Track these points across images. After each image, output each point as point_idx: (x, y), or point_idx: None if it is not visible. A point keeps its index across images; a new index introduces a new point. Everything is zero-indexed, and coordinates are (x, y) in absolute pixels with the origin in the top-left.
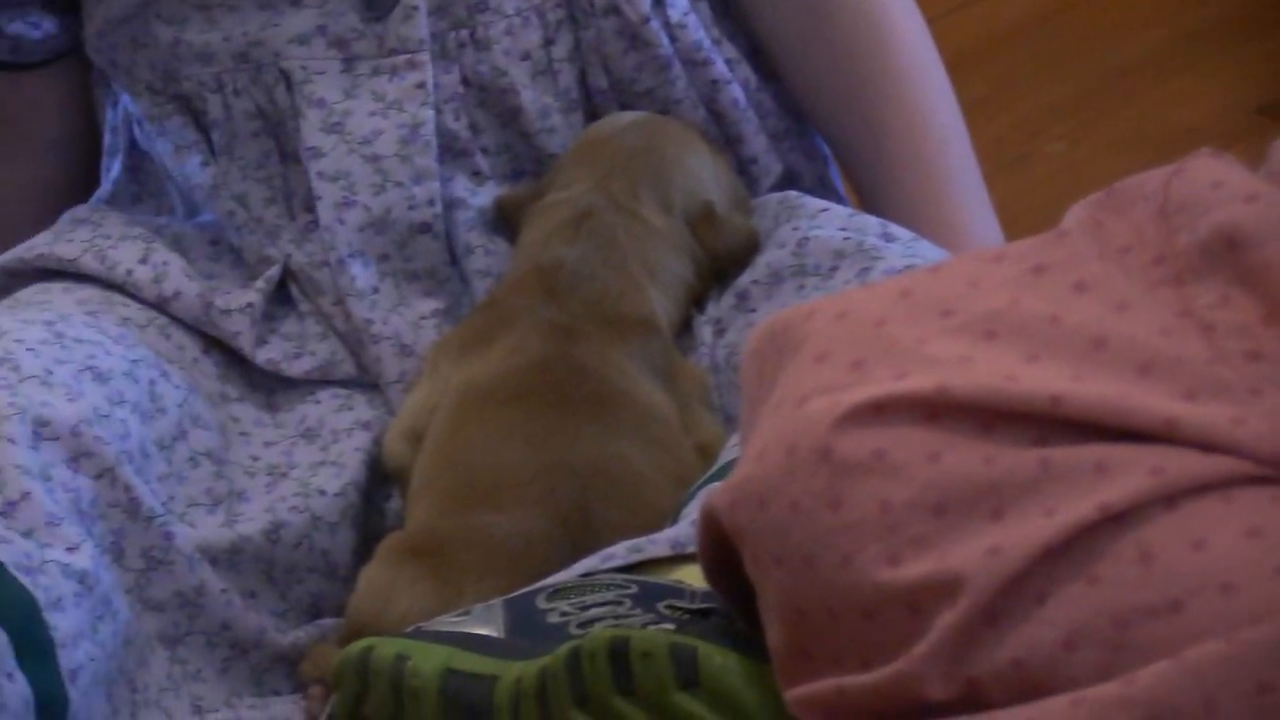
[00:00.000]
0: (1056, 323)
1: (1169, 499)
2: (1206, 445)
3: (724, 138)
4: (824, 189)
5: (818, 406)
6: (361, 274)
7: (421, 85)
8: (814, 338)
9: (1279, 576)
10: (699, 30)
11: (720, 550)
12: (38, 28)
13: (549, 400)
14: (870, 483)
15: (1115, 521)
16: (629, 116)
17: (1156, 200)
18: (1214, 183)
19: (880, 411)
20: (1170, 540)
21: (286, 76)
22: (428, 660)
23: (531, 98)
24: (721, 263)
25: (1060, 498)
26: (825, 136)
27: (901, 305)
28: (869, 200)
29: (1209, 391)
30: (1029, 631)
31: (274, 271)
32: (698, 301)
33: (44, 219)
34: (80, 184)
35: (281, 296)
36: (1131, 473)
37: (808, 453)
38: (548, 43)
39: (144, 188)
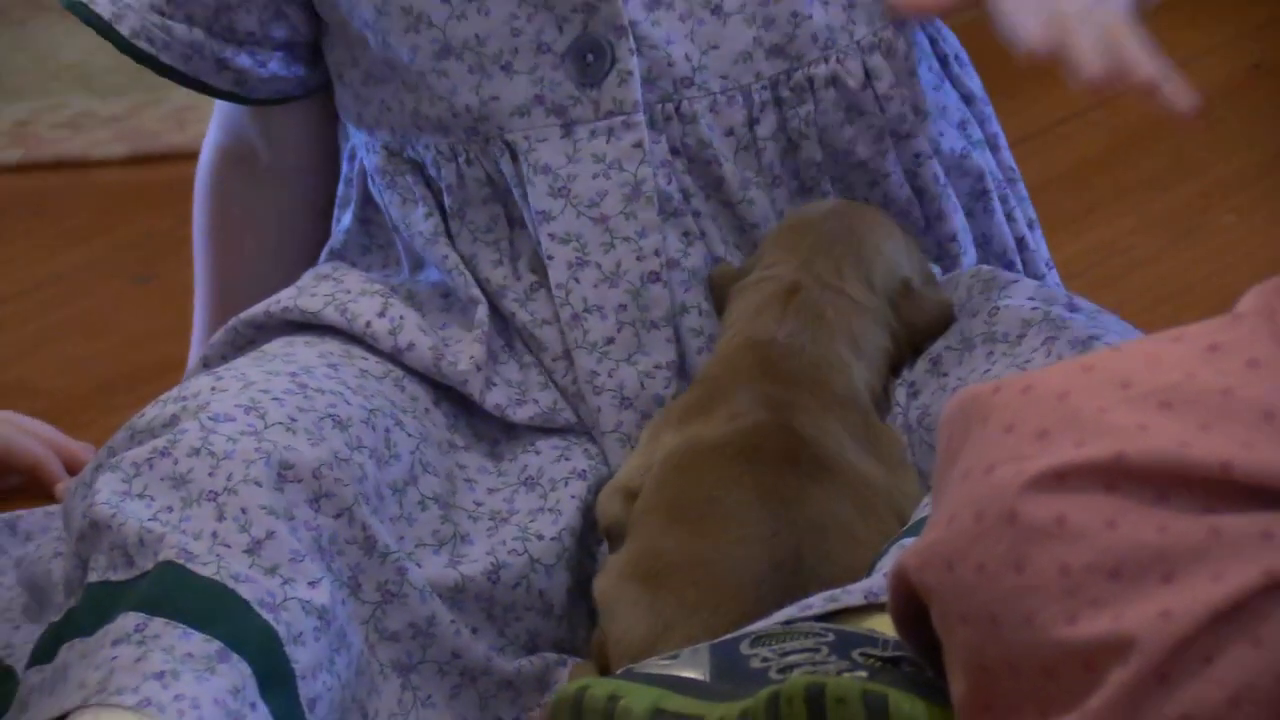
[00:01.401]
0: (1229, 395)
1: None
2: None
3: (924, 216)
4: (1005, 256)
5: (1004, 474)
6: (597, 327)
7: (639, 144)
8: (1000, 410)
9: None
10: (904, 105)
11: (910, 606)
12: (264, 67)
13: (775, 458)
14: (1052, 547)
15: (1253, 600)
16: (829, 203)
17: None
18: None
19: (1062, 479)
20: None
21: (511, 148)
22: (639, 701)
23: (733, 171)
24: (918, 334)
25: (1228, 563)
26: None
27: (1084, 378)
28: None
29: None
30: (1197, 690)
31: (488, 325)
32: (896, 370)
33: (287, 253)
34: (317, 221)
35: (505, 349)
36: (1266, 554)
37: (994, 518)
38: (752, 121)
39: (373, 240)
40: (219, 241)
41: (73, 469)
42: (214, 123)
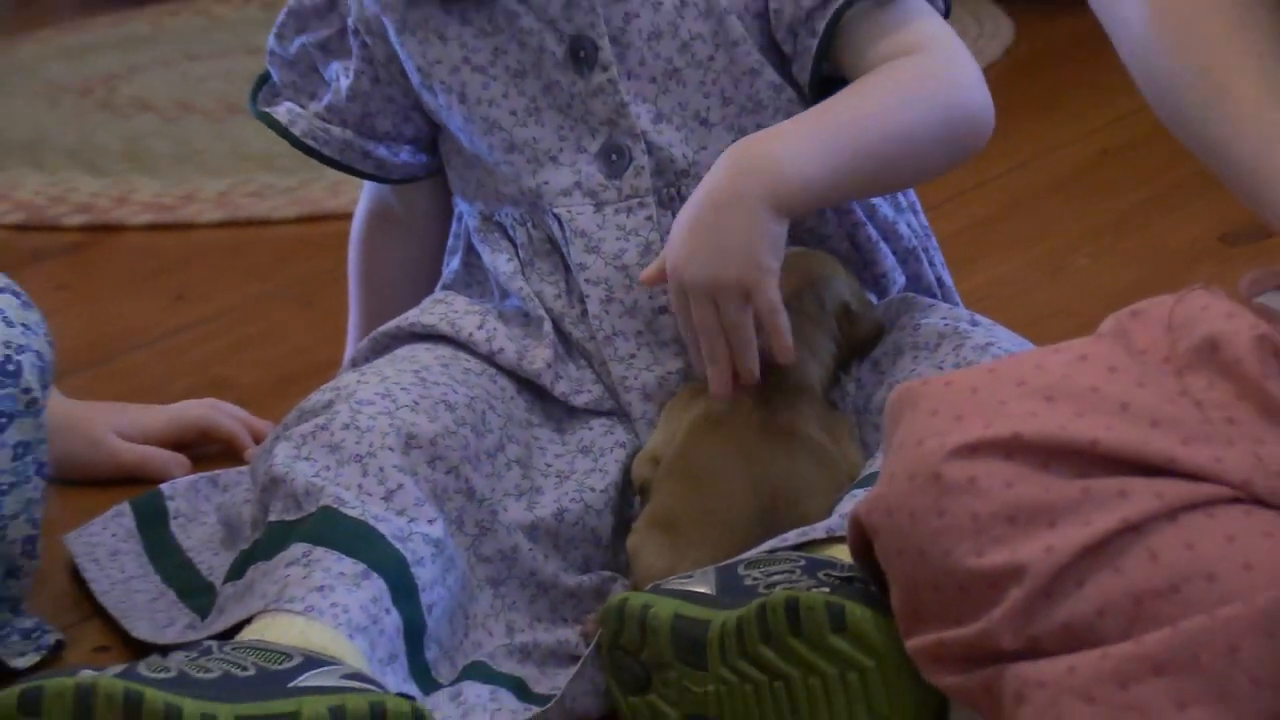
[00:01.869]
0: (1095, 391)
1: (1170, 514)
2: (1197, 477)
3: (861, 260)
4: (929, 290)
5: (930, 446)
6: (623, 346)
7: (650, 218)
8: (928, 399)
9: (1247, 570)
10: None
11: (861, 540)
12: (397, 156)
13: (753, 432)
14: (965, 500)
15: (1133, 530)
16: (791, 250)
17: (1165, 319)
18: (1203, 307)
19: (974, 450)
20: (1171, 543)
21: (559, 219)
22: (664, 609)
23: None
24: (858, 344)
25: (1094, 513)
26: None
27: (989, 378)
28: None
29: (1199, 441)
30: (1072, 604)
31: (553, 337)
32: (843, 366)
33: (414, 285)
34: (435, 263)
35: (565, 354)
36: (1144, 496)
37: (923, 478)
38: None
39: (473, 277)
40: (365, 277)
41: (258, 440)
42: (363, 193)
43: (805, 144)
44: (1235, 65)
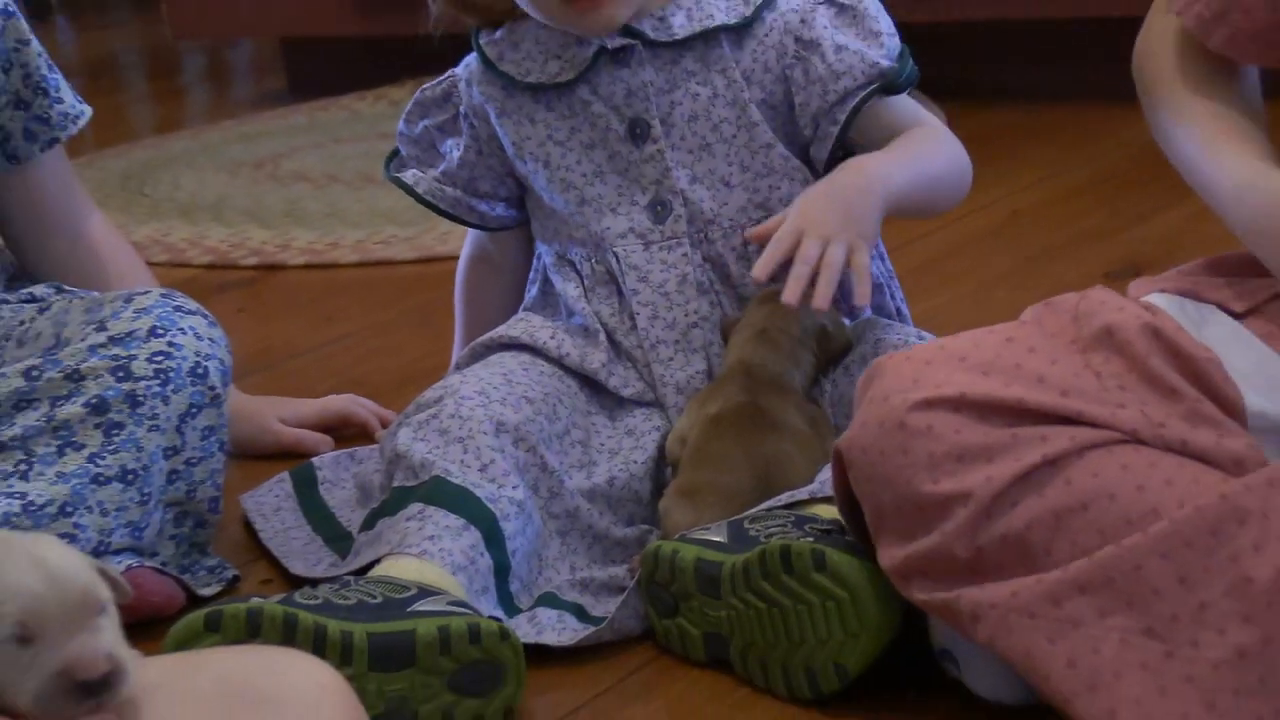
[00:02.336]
0: (1020, 367)
1: (1079, 451)
2: (1098, 425)
3: (842, 294)
4: (890, 315)
5: (895, 401)
6: (664, 352)
7: (684, 255)
8: (892, 368)
9: (1140, 490)
10: None
11: (842, 477)
12: (494, 210)
13: (749, 423)
14: (923, 442)
15: (1052, 464)
16: (776, 287)
17: (1072, 310)
18: (1101, 301)
19: (930, 405)
20: (1080, 473)
21: (616, 256)
22: (688, 553)
23: (735, 269)
24: (832, 356)
25: (1023, 451)
26: None
27: (940, 354)
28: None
29: (1100, 402)
30: (1007, 521)
31: (607, 346)
32: (822, 372)
33: (503, 308)
34: (520, 292)
35: (616, 359)
36: (1060, 439)
37: (891, 425)
38: (745, 244)
39: (547, 301)
40: (467, 303)
41: (384, 426)
42: (467, 239)
43: (896, 167)
44: (1207, 126)
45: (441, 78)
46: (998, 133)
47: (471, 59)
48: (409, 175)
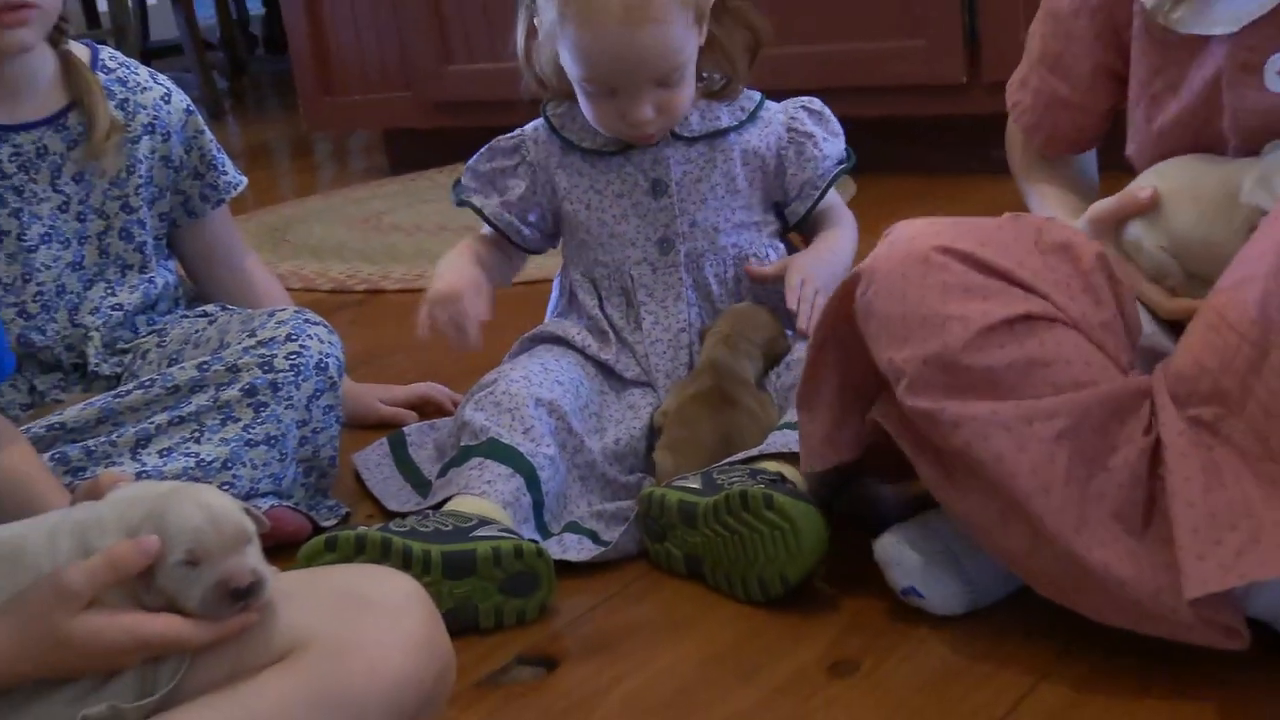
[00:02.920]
0: (1006, 248)
1: (1049, 321)
2: (1052, 306)
3: (786, 313)
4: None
5: (919, 243)
6: (658, 347)
7: (680, 279)
8: (917, 225)
9: (1087, 366)
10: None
11: (838, 303)
12: (533, 235)
13: (717, 401)
14: (940, 273)
15: (1031, 319)
16: (741, 305)
17: (1036, 229)
18: (1062, 228)
19: (947, 251)
20: (1048, 337)
21: (631, 276)
22: (672, 496)
23: (717, 290)
24: (776, 358)
25: (1013, 303)
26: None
27: (951, 226)
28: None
29: (1056, 290)
30: (992, 356)
31: (616, 342)
32: (769, 368)
33: (490, 270)
34: (495, 273)
35: (624, 350)
36: (1038, 303)
37: (915, 258)
38: (726, 269)
39: (571, 309)
40: (479, 241)
41: (455, 404)
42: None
43: (834, 257)
44: (1045, 200)
45: (512, 134)
46: (905, 198)
47: (539, 123)
48: (476, 199)
